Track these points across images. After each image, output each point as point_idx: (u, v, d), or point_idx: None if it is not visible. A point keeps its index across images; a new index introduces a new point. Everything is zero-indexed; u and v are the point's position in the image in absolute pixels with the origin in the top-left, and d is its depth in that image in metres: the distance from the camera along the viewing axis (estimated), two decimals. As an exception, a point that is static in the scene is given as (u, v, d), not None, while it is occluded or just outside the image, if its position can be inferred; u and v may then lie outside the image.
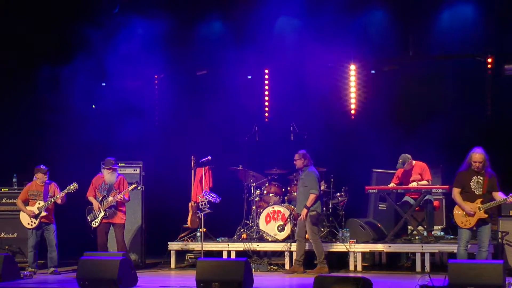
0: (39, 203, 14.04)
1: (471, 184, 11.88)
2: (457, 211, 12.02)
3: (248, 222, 15.42)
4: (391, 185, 14.62)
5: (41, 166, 14.21)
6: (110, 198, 13.86)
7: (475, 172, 11.86)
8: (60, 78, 16.73)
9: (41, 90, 16.62)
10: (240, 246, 14.74)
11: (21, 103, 16.78)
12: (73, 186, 13.94)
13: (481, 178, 11.86)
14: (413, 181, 14.46)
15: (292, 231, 14.71)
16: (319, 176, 13.92)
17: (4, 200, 15.37)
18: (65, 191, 13.99)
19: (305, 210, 13.60)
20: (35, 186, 14.22)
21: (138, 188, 14.45)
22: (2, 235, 15.24)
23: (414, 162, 14.57)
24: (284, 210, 14.92)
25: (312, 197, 13.56)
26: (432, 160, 14.93)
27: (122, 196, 13.84)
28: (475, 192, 11.86)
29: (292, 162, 14.30)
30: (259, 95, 18.15)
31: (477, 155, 11.84)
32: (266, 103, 18.17)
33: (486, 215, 11.82)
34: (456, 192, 12.01)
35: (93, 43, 16.24)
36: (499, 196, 11.82)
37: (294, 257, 13.93)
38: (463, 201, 11.91)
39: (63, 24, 16.56)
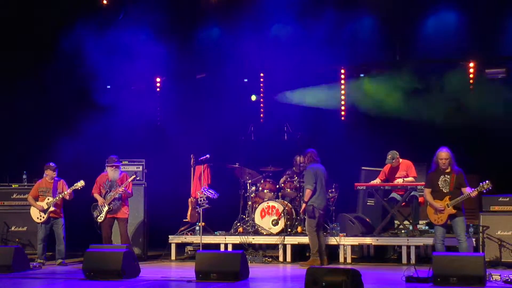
0: (48, 199, 14.08)
1: (439, 183, 12.00)
2: (429, 210, 12.16)
3: (244, 216, 15.43)
4: (377, 180, 14.60)
5: (51, 164, 14.24)
6: (112, 192, 13.85)
7: (442, 171, 11.98)
8: (67, 79, 16.75)
9: (50, 91, 16.60)
10: (236, 239, 14.77)
11: (30, 104, 16.73)
12: (80, 184, 13.97)
13: (448, 176, 11.96)
14: (399, 177, 14.48)
15: (286, 225, 14.76)
16: (316, 172, 13.71)
17: (14, 196, 15.37)
18: (72, 187, 14.02)
19: (303, 205, 13.66)
20: (45, 183, 14.25)
21: (138, 178, 14.44)
22: (12, 228, 15.21)
23: (400, 160, 14.58)
24: (278, 205, 14.93)
25: (306, 192, 13.57)
26: (417, 158, 14.94)
27: (124, 189, 13.80)
28: (443, 190, 11.96)
29: (285, 160, 14.36)
30: (254, 97, 18.17)
31: (443, 153, 11.98)
32: (261, 105, 18.16)
33: (455, 211, 11.89)
34: (427, 192, 12.18)
35: (99, 49, 16.21)
36: (466, 191, 11.88)
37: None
38: (433, 200, 12.02)
39: (69, 30, 16.50)
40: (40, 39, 16.75)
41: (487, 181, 11.81)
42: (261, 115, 18.11)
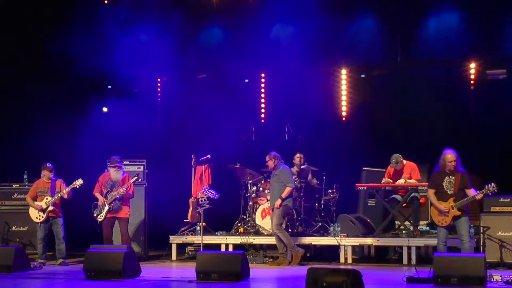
0: (46, 198, 14.06)
1: (444, 184, 11.91)
2: (433, 211, 12.09)
3: (245, 217, 15.39)
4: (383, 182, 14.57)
5: (47, 164, 14.24)
6: (114, 193, 13.85)
7: (447, 172, 11.90)
8: (67, 80, 16.73)
9: (51, 92, 16.60)
10: (237, 240, 14.73)
11: (31, 105, 16.77)
12: (78, 182, 13.95)
13: (453, 177, 11.87)
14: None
15: (286, 226, 14.72)
16: (291, 172, 14.05)
17: (15, 196, 15.39)
18: (71, 186, 14.00)
19: (279, 201, 13.65)
20: (43, 183, 14.25)
21: (139, 179, 14.42)
22: (13, 228, 15.22)
23: (405, 162, 14.54)
24: (279, 205, 14.90)
25: (288, 189, 13.65)
26: (418, 159, 14.88)
27: (125, 190, 13.80)
28: (448, 192, 11.88)
29: (286, 161, 14.30)
30: (255, 98, 18.17)
31: (449, 155, 11.88)
32: (263, 105, 18.17)
33: (459, 212, 11.82)
34: (431, 193, 12.07)
35: (100, 49, 16.20)
36: (471, 193, 11.81)
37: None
38: (437, 201, 11.94)
39: (69, 29, 16.48)
40: (38, 39, 16.72)
41: (492, 184, 11.73)
42: (262, 115, 18.14)
